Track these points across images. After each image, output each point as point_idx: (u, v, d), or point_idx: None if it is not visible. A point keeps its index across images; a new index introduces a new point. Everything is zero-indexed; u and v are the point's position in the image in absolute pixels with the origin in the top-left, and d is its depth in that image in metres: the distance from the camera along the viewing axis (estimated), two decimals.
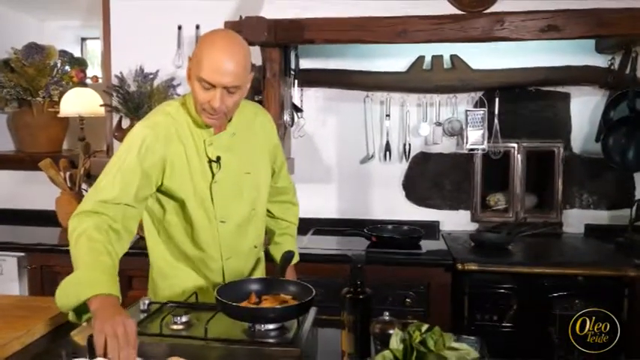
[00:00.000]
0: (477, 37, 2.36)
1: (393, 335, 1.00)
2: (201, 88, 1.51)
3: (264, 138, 1.78)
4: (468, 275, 2.41)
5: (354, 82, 2.94)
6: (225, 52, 1.49)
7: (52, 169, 2.99)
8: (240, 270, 1.80)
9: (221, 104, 1.52)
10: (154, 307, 1.65)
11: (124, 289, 2.60)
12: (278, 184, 1.93)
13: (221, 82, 1.49)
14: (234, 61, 1.49)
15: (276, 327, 1.47)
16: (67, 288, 1.41)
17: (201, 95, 1.52)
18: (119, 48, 3.14)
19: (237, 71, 1.50)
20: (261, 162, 1.77)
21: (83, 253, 1.45)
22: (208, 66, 1.48)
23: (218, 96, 1.50)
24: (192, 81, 1.55)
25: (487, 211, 3.00)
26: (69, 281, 1.41)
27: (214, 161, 1.64)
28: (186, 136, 1.61)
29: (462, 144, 2.93)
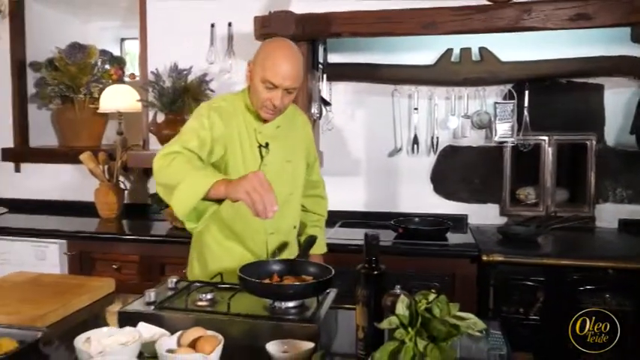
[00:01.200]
0: (504, 27, 2.35)
1: (399, 302, 1.03)
2: (264, 89, 1.73)
3: (302, 134, 2.01)
4: (493, 267, 2.40)
5: (383, 76, 2.97)
6: (287, 58, 1.73)
7: (91, 162, 3.13)
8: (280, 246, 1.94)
9: (281, 102, 1.75)
10: (181, 285, 1.72)
11: (157, 275, 2.75)
12: (311, 178, 2.13)
13: (283, 84, 1.71)
14: (295, 66, 1.74)
15: (296, 305, 1.52)
16: (183, 193, 1.55)
17: (264, 94, 1.74)
18: (155, 46, 3.27)
19: (297, 75, 1.75)
20: (299, 154, 1.99)
21: (183, 167, 1.60)
22: (273, 70, 1.70)
23: (279, 95, 1.73)
24: (254, 82, 1.76)
25: (517, 205, 2.98)
26: (182, 189, 1.54)
27: (263, 146, 1.85)
28: (241, 123, 1.83)
29: (490, 137, 2.92)
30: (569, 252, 2.53)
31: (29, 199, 3.54)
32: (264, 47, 1.78)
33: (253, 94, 1.78)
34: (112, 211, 3.15)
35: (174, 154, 1.64)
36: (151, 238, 2.82)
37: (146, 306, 1.56)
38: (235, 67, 3.17)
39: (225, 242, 1.93)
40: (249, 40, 3.07)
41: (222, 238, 1.93)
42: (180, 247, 2.70)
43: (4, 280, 1.94)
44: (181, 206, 1.56)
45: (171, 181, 1.58)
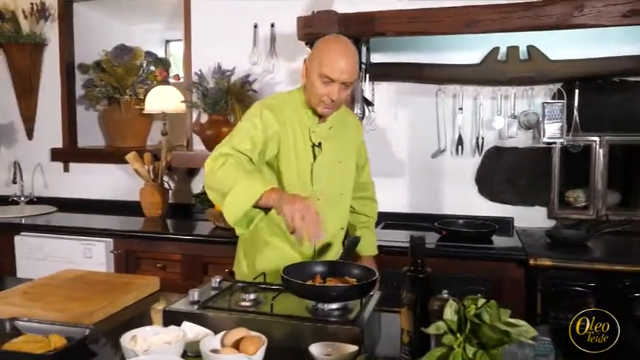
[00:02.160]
0: (552, 24, 2.27)
1: (448, 306, 1.00)
2: (321, 83, 1.76)
3: (353, 136, 2.03)
4: (541, 271, 2.32)
5: (426, 76, 2.92)
6: (344, 53, 1.76)
7: (137, 162, 3.19)
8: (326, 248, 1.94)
9: (338, 97, 1.77)
10: (224, 285, 1.73)
11: (200, 274, 2.77)
12: (361, 180, 2.14)
13: (340, 77, 1.74)
14: (351, 61, 1.77)
15: (339, 307, 1.50)
16: (233, 200, 1.58)
17: (322, 89, 1.77)
18: (199, 47, 3.31)
19: (353, 69, 1.77)
20: (350, 155, 2.01)
21: (234, 172, 1.63)
22: (330, 64, 1.73)
23: (337, 89, 1.76)
24: (310, 78, 1.79)
25: (565, 208, 2.88)
26: (233, 195, 1.58)
27: (317, 146, 1.88)
28: (295, 121, 1.85)
29: (538, 138, 2.83)
30: (622, 257, 2.41)
31: (77, 199, 3.64)
32: (321, 43, 1.82)
33: (310, 90, 1.81)
34: (156, 210, 3.21)
35: (225, 156, 1.67)
36: (195, 238, 2.85)
37: (190, 305, 1.57)
38: (278, 67, 3.18)
39: (274, 241, 1.94)
40: (291, 40, 3.08)
41: (271, 237, 1.94)
42: (223, 247, 2.74)
43: (53, 277, 1.99)
44: (232, 213, 1.59)
45: (222, 187, 1.61)
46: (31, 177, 3.74)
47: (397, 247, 2.50)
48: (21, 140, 3.77)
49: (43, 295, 1.78)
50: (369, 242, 2.14)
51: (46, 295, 1.79)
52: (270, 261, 1.92)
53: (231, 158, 1.66)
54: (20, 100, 3.64)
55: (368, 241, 2.13)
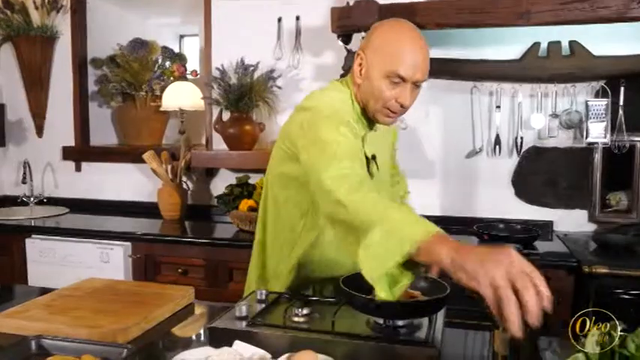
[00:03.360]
0: (608, 17, 2.15)
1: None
2: (389, 84, 1.42)
3: (388, 135, 1.74)
4: (593, 279, 2.19)
5: (462, 72, 2.77)
6: (419, 44, 1.43)
7: (154, 162, 3.04)
8: None
9: (411, 101, 1.45)
10: (271, 298, 1.58)
11: (225, 281, 2.63)
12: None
13: (414, 75, 1.41)
14: (426, 54, 1.44)
15: (405, 324, 1.36)
16: (380, 244, 1.12)
17: (388, 92, 1.43)
18: (219, 41, 3.15)
19: (427, 65, 1.45)
20: (386, 158, 1.72)
21: (375, 202, 1.21)
22: (403, 59, 1.40)
23: (409, 92, 1.43)
24: (371, 76, 1.45)
25: (607, 212, 2.75)
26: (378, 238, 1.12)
27: (372, 159, 1.54)
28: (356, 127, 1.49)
29: (579, 137, 2.70)
30: None
31: (89, 199, 3.49)
32: (383, 32, 1.46)
33: (370, 92, 1.46)
34: (175, 212, 3.06)
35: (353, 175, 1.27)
36: (218, 242, 2.70)
37: (238, 321, 1.42)
38: (303, 62, 3.03)
39: None
40: (318, 34, 2.95)
41: None
42: (248, 251, 2.57)
43: (76, 288, 1.83)
44: (374, 264, 1.15)
45: (358, 220, 1.18)
46: (41, 177, 3.57)
47: None
48: (30, 138, 3.60)
49: (68, 309, 1.62)
50: None
51: (72, 308, 1.63)
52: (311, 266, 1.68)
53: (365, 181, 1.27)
54: (30, 96, 3.47)
55: None
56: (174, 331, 1.55)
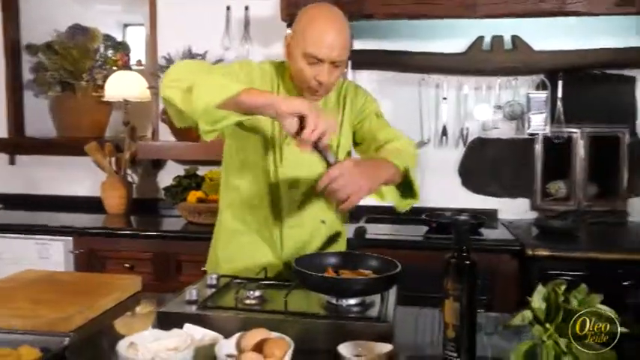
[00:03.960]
0: (549, 11, 2.24)
1: (536, 293, 0.88)
2: (307, 64, 1.51)
3: (349, 113, 1.72)
4: (536, 262, 2.27)
5: (410, 64, 2.82)
6: (332, 25, 1.50)
7: (98, 154, 2.93)
8: (302, 243, 1.71)
9: (328, 78, 1.52)
10: (222, 282, 1.55)
11: (173, 274, 2.56)
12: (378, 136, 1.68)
13: (330, 55, 1.49)
14: (341, 34, 1.51)
15: (358, 302, 1.36)
16: (205, 90, 1.32)
17: (308, 71, 1.52)
18: (165, 30, 3.08)
19: (344, 44, 1.52)
20: (344, 136, 1.71)
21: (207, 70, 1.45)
22: (316, 40, 1.48)
23: (326, 70, 1.50)
24: (294, 57, 1.54)
25: (547, 200, 2.86)
26: (204, 85, 1.33)
27: None
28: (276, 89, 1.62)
29: (521, 129, 2.80)
30: (611, 246, 2.42)
31: (25, 194, 3.31)
32: (303, 15, 1.55)
33: (294, 72, 1.57)
34: (119, 206, 2.95)
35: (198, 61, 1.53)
36: (166, 234, 2.64)
37: (188, 305, 1.39)
38: (252, 53, 2.99)
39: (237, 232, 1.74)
40: (267, 24, 2.93)
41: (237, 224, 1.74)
42: (197, 243, 2.53)
43: (11, 279, 1.72)
44: (199, 102, 1.31)
45: (189, 79, 1.35)
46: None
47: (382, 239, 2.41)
48: None
49: (3, 300, 1.53)
50: None
51: (8, 299, 1.52)
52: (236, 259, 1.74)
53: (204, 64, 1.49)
54: None
55: None
56: (121, 319, 1.49)
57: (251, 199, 1.69)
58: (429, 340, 1.35)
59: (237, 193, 1.72)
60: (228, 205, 1.77)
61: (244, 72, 1.58)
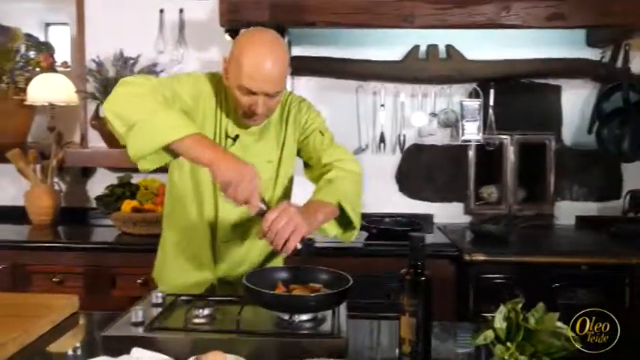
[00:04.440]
0: (484, 23, 2.32)
1: (497, 313, 0.90)
2: (240, 94, 1.48)
3: (292, 129, 1.69)
4: (473, 266, 2.35)
5: (347, 71, 2.84)
6: (268, 57, 1.43)
7: (21, 161, 2.75)
8: (238, 258, 1.69)
9: (264, 109, 1.48)
10: (168, 300, 1.50)
11: (107, 288, 2.45)
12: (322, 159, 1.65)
13: (263, 89, 1.45)
14: (276, 65, 1.44)
15: (310, 318, 1.36)
16: (147, 129, 1.28)
17: (242, 100, 1.48)
18: (93, 31, 2.94)
19: (280, 77, 1.47)
20: (286, 153, 1.69)
21: (154, 100, 1.33)
22: (250, 73, 1.43)
23: (261, 102, 1.47)
24: (230, 83, 1.51)
25: (480, 204, 2.97)
26: (146, 123, 1.28)
27: (231, 138, 1.59)
28: (209, 104, 1.57)
29: (455, 135, 2.89)
30: (541, 249, 2.53)
31: None
32: (239, 43, 1.48)
33: (230, 96, 1.53)
34: (46, 216, 2.78)
35: (147, 84, 1.37)
36: (98, 246, 2.52)
37: (134, 327, 1.33)
38: (187, 57, 2.92)
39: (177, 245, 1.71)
40: (203, 28, 2.87)
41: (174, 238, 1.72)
42: (132, 255, 2.45)
43: None
44: (138, 146, 1.29)
45: (133, 113, 1.29)
46: None
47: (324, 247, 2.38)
48: None
49: None
50: None
51: None
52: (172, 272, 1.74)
53: (154, 92, 1.36)
54: None
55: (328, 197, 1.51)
56: (59, 344, 1.40)
57: (189, 213, 1.66)
58: (384, 356, 1.36)
59: (179, 205, 1.69)
60: (167, 216, 1.75)
61: (191, 85, 1.54)
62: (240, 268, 1.70)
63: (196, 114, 1.55)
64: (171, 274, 1.75)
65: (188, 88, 1.52)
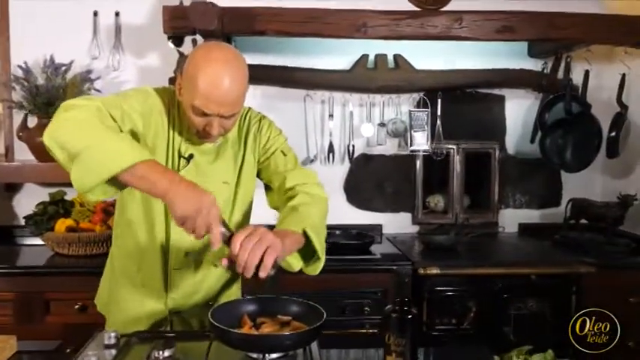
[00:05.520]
0: (436, 35, 2.31)
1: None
2: (194, 114, 1.37)
3: (252, 148, 1.58)
4: (427, 280, 2.34)
5: (295, 80, 2.76)
6: (224, 78, 1.31)
7: None
8: (191, 287, 1.57)
9: (219, 130, 1.38)
10: (122, 341, 1.37)
11: (40, 314, 2.25)
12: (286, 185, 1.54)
13: (219, 111, 1.34)
14: (234, 87, 1.33)
15: (280, 356, 1.27)
16: (92, 160, 1.17)
17: (196, 120, 1.38)
18: (20, 36, 2.69)
19: (238, 98, 1.36)
20: (245, 175, 1.58)
21: (99, 126, 1.22)
22: (205, 93, 1.31)
23: (216, 124, 1.37)
24: (183, 101, 1.39)
25: (427, 214, 2.98)
26: (92, 153, 1.17)
27: (185, 158, 1.48)
28: (160, 121, 1.45)
29: (404, 145, 2.88)
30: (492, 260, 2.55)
31: None
32: (194, 60, 1.36)
33: (184, 114, 1.42)
34: None
35: (92, 107, 1.24)
36: (29, 270, 2.31)
37: None
38: (124, 64, 2.74)
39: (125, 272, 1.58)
40: (141, 33, 2.71)
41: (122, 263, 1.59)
42: (67, 278, 2.27)
43: None
44: (84, 179, 1.17)
45: (76, 141, 1.18)
46: None
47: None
48: None
49: None
50: None
51: None
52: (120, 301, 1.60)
53: (99, 115, 1.24)
54: None
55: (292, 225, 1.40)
56: None
57: (139, 237, 1.53)
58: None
59: (127, 229, 1.55)
60: (116, 239, 1.62)
61: (140, 101, 1.41)
62: (193, 297, 1.59)
63: (147, 133, 1.43)
64: (119, 304, 1.61)
65: (137, 105, 1.40)
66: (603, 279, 2.37)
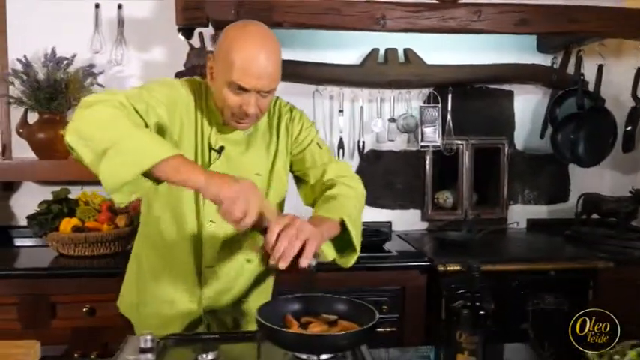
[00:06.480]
0: (455, 28, 2.27)
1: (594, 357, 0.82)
2: (230, 92, 1.33)
3: (285, 140, 1.55)
4: (445, 276, 2.30)
5: (304, 75, 2.70)
6: (261, 51, 1.30)
7: None
8: (224, 285, 1.52)
9: (255, 109, 1.34)
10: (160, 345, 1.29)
11: (47, 318, 2.16)
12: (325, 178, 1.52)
13: (256, 86, 1.31)
14: (270, 59, 1.32)
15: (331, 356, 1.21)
16: (120, 158, 1.10)
17: (232, 99, 1.33)
18: (18, 28, 2.59)
19: (275, 72, 1.35)
20: (279, 165, 1.54)
21: (125, 122, 1.16)
22: (242, 67, 1.29)
23: (253, 101, 1.33)
24: (216, 83, 1.36)
25: (436, 210, 2.94)
26: (120, 150, 1.10)
27: (215, 150, 1.43)
28: (190, 116, 1.41)
29: (413, 141, 2.84)
30: (508, 256, 2.52)
31: None
32: (228, 37, 1.33)
33: (217, 97, 1.38)
34: None
35: (112, 102, 1.18)
36: (33, 272, 2.21)
37: None
38: (127, 58, 2.65)
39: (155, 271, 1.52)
40: (144, 26, 2.63)
41: (152, 262, 1.53)
42: (74, 280, 2.18)
43: None
44: (113, 177, 1.11)
45: (103, 138, 1.12)
46: None
47: None
48: None
49: None
50: None
51: None
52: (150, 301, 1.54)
53: (123, 109, 1.18)
54: None
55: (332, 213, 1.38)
56: None
57: (170, 236, 1.47)
58: None
59: (156, 227, 1.49)
60: (146, 239, 1.55)
61: (164, 94, 1.34)
62: (226, 295, 1.53)
63: (173, 125, 1.37)
64: (149, 305, 1.54)
65: (161, 97, 1.33)
66: (620, 274, 2.36)
